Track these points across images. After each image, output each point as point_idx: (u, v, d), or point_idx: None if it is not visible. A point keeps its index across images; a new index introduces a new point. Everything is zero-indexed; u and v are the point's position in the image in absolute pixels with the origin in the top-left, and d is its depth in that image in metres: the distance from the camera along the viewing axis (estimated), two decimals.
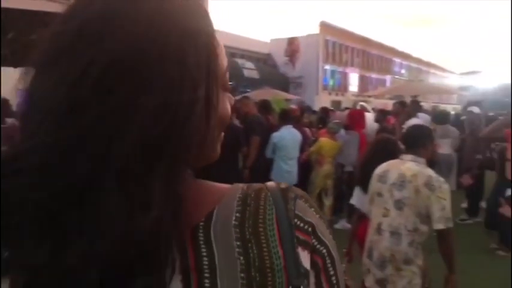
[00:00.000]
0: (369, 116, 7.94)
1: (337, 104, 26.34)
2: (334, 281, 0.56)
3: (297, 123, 6.28)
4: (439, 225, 2.47)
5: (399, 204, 2.56)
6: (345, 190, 6.66)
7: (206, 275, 0.50)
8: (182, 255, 0.50)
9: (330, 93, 35.68)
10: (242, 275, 0.50)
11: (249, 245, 0.52)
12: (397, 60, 46.73)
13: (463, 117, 8.51)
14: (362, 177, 3.03)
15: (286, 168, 5.77)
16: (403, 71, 51.33)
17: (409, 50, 48.38)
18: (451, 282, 2.63)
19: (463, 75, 66.17)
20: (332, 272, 0.56)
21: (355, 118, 6.71)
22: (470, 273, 2.76)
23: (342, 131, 6.67)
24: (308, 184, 6.34)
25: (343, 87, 38.44)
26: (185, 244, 0.51)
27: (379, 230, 2.64)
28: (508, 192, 4.70)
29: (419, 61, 55.80)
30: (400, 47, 49.10)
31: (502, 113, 8.28)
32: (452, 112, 13.47)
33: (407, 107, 7.36)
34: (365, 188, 2.95)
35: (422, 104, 8.83)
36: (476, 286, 3.90)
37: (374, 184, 2.76)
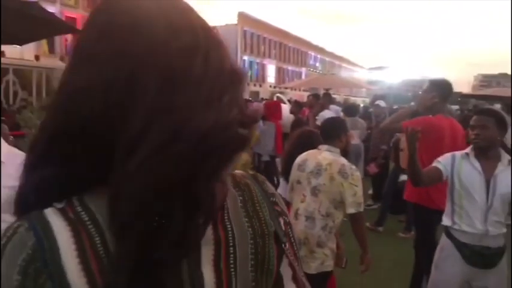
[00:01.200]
0: (285, 108, 8.21)
1: (255, 95, 26.79)
2: (293, 240, 0.77)
3: None
4: (351, 210, 2.67)
5: (315, 191, 2.72)
6: None
7: (230, 244, 0.66)
8: (215, 229, 0.65)
9: (248, 84, 36.09)
10: (251, 241, 0.68)
11: (253, 220, 0.70)
12: (312, 53, 48.52)
13: (371, 110, 9.11)
14: (286, 168, 3.14)
15: None
16: (317, 64, 53.44)
17: (323, 44, 50.25)
18: (365, 261, 2.87)
19: (371, 70, 70.37)
20: (291, 234, 0.76)
21: (272, 109, 6.91)
22: (374, 253, 3.02)
23: (260, 122, 6.85)
24: None
25: (261, 78, 39.16)
26: (217, 221, 0.66)
27: (296, 215, 2.79)
28: (402, 177, 5.20)
29: (332, 55, 58.34)
30: (315, 41, 50.89)
31: (404, 106, 8.99)
32: (362, 105, 14.34)
33: (321, 100, 7.71)
34: (288, 178, 3.07)
35: (334, 96, 9.28)
36: (382, 265, 4.28)
37: (294, 173, 2.90)
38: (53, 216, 0.57)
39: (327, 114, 7.25)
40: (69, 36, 20.77)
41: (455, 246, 2.68)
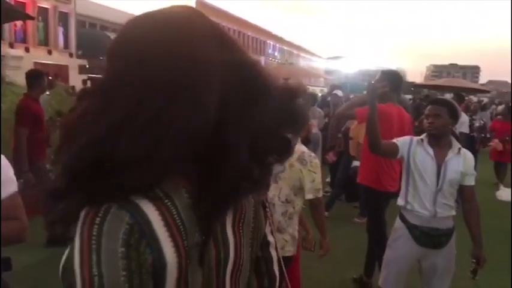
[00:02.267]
0: None
1: None
2: (268, 209, 0.97)
3: None
4: (310, 196, 2.75)
5: (275, 178, 2.77)
6: None
7: (244, 210, 0.83)
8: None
9: None
10: (253, 208, 0.86)
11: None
12: (271, 42, 48.60)
13: (329, 99, 9.29)
14: None
15: None
16: (276, 54, 53.63)
17: (282, 33, 50.44)
18: (324, 246, 2.97)
19: (329, 60, 71.38)
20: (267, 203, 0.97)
21: None
22: (332, 239, 3.13)
23: None
24: None
25: None
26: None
27: None
28: (355, 163, 5.38)
29: (291, 45, 58.72)
30: (274, 31, 51.00)
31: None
32: (320, 94, 14.57)
33: None
34: None
35: None
36: (339, 250, 4.42)
37: None
38: (138, 197, 0.67)
39: None
40: (18, 23, 19.80)
41: (407, 227, 2.83)
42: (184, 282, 0.70)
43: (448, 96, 9.88)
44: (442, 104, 2.85)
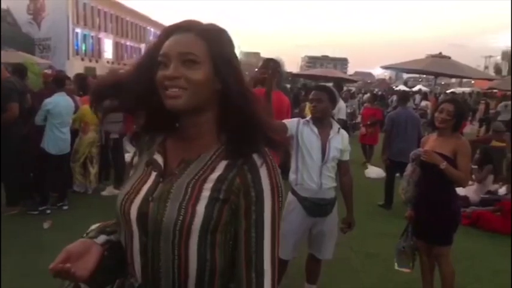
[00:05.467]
0: None
1: (91, 71, 25.04)
2: None
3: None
4: None
5: None
6: (111, 157, 6.73)
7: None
8: None
9: (82, 59, 33.58)
10: None
11: None
12: (152, 29, 47.12)
13: None
14: None
15: (61, 136, 5.55)
16: None
17: (164, 20, 49.15)
18: None
19: None
20: None
21: None
22: None
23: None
24: (73, 152, 6.15)
25: (97, 53, 36.72)
26: None
27: None
28: None
29: None
30: (154, 17, 49.51)
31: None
32: None
33: None
34: None
35: None
36: None
37: None
38: None
39: None
40: None
41: (298, 200, 3.18)
42: None
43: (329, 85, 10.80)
44: (323, 90, 3.28)
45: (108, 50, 38.60)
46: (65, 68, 21.13)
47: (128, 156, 7.50)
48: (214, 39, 1.04)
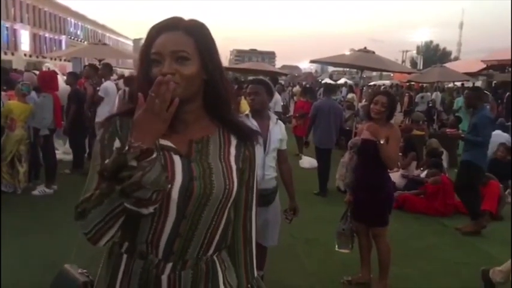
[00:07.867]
0: (59, 78, 7.71)
1: (7, 64, 23.33)
2: None
3: None
4: None
5: None
6: (42, 155, 6.42)
7: None
8: None
9: None
10: None
11: None
12: (72, 20, 44.77)
13: None
14: None
15: None
16: (79, 33, 49.77)
17: (84, 11, 46.82)
18: None
19: (137, 41, 69.64)
20: None
21: (48, 80, 6.42)
22: None
23: (33, 93, 6.32)
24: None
25: (12, 45, 34.22)
26: None
27: None
28: None
29: (95, 23, 55.23)
30: (74, 7, 47.04)
31: None
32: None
33: (101, 70, 7.55)
34: None
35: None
36: None
37: None
38: None
39: (109, 85, 7.20)
40: None
41: None
42: None
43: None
44: (260, 83, 3.39)
45: (25, 41, 36.13)
46: None
47: (58, 154, 7.19)
48: (200, 36, 1.17)
